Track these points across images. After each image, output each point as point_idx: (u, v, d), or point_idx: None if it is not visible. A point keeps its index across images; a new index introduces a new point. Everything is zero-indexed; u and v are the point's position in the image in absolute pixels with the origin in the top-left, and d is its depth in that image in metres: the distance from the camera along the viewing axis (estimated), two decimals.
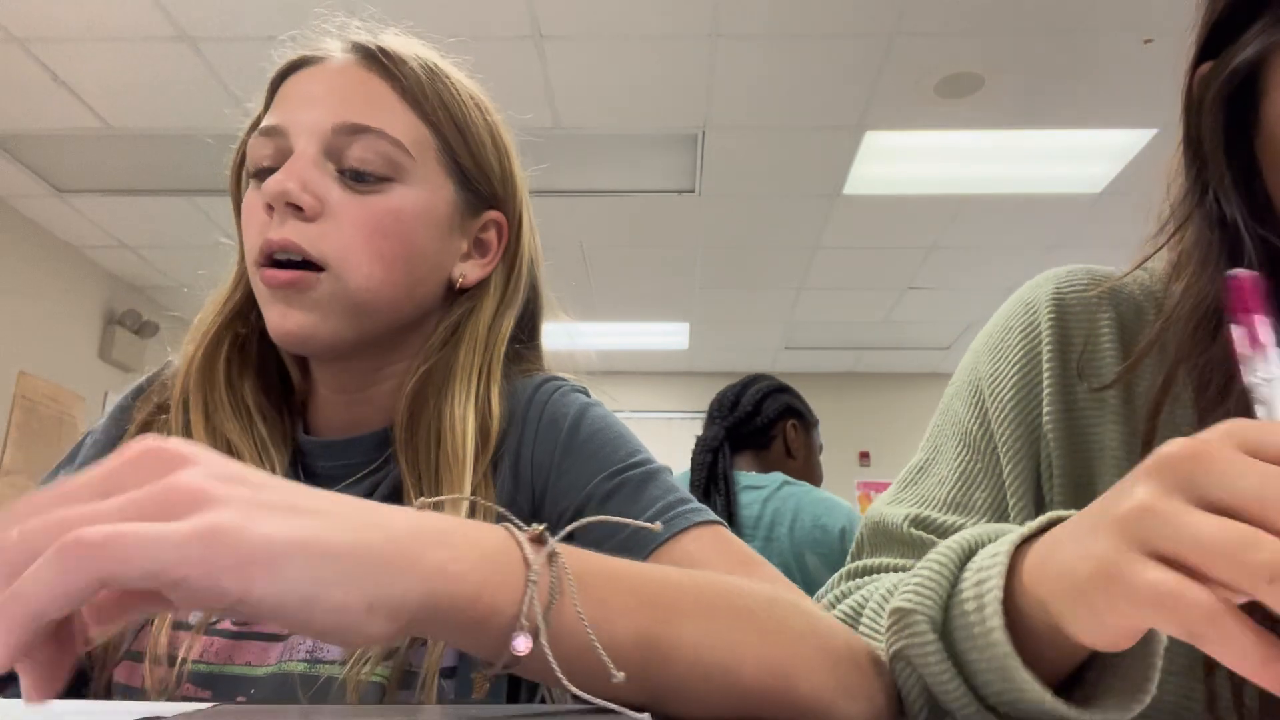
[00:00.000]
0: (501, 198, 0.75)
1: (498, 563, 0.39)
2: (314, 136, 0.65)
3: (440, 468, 0.65)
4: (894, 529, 0.64)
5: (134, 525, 0.31)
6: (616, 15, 2.75)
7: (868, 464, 6.35)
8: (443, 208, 0.70)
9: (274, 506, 0.34)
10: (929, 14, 2.72)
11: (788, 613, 0.48)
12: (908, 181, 3.80)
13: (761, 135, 3.44)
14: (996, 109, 3.20)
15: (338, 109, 0.66)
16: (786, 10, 2.72)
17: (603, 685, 0.40)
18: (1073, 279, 0.66)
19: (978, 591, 0.43)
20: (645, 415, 6.62)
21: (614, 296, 5.23)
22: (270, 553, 0.33)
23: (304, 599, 0.33)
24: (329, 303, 0.65)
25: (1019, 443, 0.63)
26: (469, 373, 0.70)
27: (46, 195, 4.02)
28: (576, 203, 4.00)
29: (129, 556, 0.30)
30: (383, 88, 0.68)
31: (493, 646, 0.39)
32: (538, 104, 3.20)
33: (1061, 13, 2.68)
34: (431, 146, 0.69)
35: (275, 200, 0.64)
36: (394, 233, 0.66)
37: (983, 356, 0.69)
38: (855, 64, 2.97)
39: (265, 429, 0.71)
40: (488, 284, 0.74)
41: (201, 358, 0.71)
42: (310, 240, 0.64)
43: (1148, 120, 3.24)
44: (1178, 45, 0.57)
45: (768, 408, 2.03)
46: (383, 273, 0.66)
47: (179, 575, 0.31)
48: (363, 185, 0.66)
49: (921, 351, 6.18)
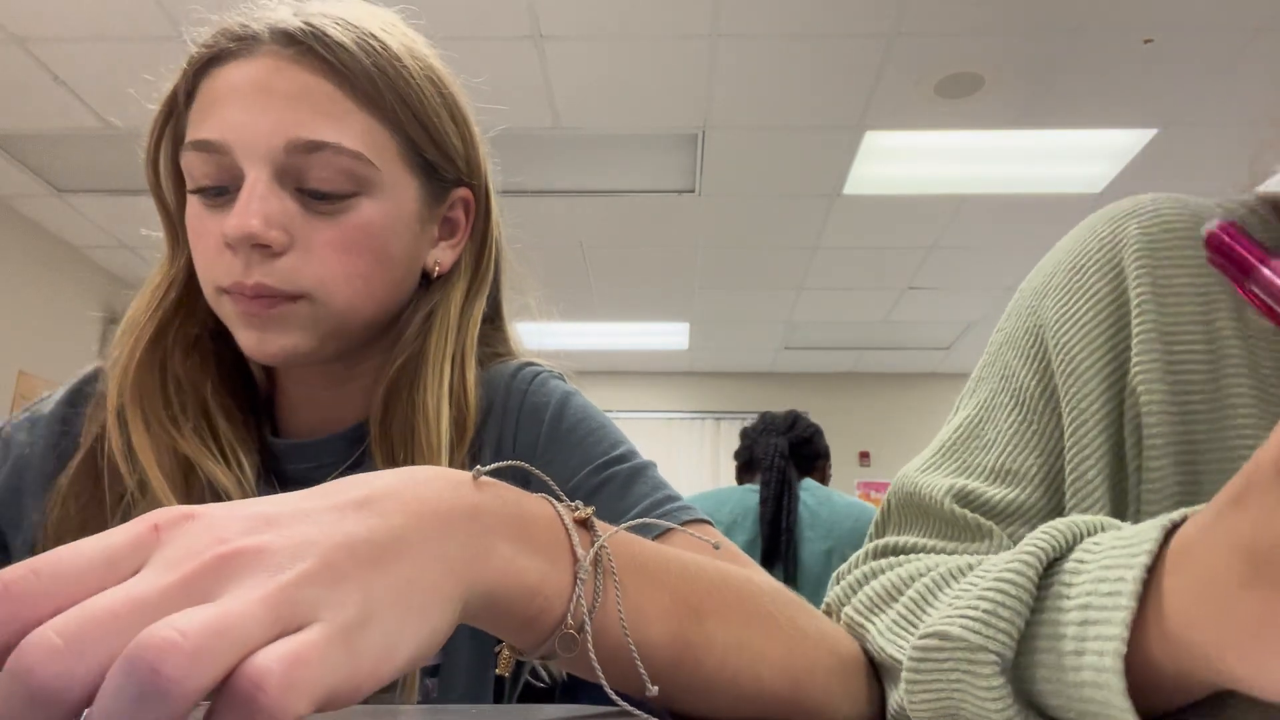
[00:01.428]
0: (467, 175, 0.70)
1: (552, 555, 0.37)
2: (264, 160, 0.59)
3: (415, 460, 0.62)
4: (931, 503, 0.55)
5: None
6: (616, 15, 2.75)
7: (868, 464, 6.35)
8: (410, 205, 0.66)
9: (338, 546, 0.29)
10: (929, 14, 2.72)
11: (799, 614, 0.47)
12: (908, 181, 3.80)
13: (761, 135, 3.43)
14: (996, 109, 3.20)
15: (286, 124, 0.59)
16: (786, 10, 2.72)
17: (635, 686, 0.39)
18: (1161, 208, 0.56)
19: (1080, 634, 0.34)
20: (645, 415, 6.62)
21: (614, 296, 5.22)
22: (384, 642, 0.28)
23: (423, 644, 0.30)
24: (311, 325, 0.62)
25: (1095, 403, 0.53)
26: (441, 360, 0.66)
27: (46, 195, 4.02)
28: (576, 203, 4.00)
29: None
30: (330, 90, 0.61)
31: (534, 640, 0.38)
32: (538, 104, 3.20)
33: (1061, 13, 2.68)
34: (392, 145, 0.63)
35: (240, 244, 0.59)
36: (369, 248, 0.62)
37: (1047, 300, 0.58)
38: (855, 64, 2.97)
39: (232, 432, 0.67)
40: (458, 266, 0.71)
41: (136, 365, 0.65)
42: (284, 278, 0.60)
43: (1148, 120, 3.24)
44: (1178, 45, 0.57)
45: (819, 443, 2.42)
46: (364, 289, 0.63)
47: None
48: (327, 205, 0.61)
49: (921, 351, 6.17)
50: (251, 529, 0.28)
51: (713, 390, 6.69)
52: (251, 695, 0.23)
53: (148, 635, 0.23)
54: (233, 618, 0.24)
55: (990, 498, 0.54)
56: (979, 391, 0.61)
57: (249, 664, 0.24)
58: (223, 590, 0.26)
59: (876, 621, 0.49)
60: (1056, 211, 4.00)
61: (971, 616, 0.38)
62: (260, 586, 0.26)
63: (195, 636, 0.23)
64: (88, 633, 0.23)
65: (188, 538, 0.27)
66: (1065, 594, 0.36)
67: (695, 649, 0.41)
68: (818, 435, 2.42)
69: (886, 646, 0.46)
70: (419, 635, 0.30)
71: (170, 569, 0.26)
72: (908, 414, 6.42)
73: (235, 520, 0.28)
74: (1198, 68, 2.89)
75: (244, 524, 0.28)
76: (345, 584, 0.27)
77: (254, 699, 0.23)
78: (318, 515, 0.29)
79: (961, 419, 0.60)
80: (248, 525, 0.28)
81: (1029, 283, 0.62)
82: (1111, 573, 0.34)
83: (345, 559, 0.28)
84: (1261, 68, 2.88)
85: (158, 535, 0.27)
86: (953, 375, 6.42)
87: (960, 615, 0.39)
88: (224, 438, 0.66)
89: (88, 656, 0.23)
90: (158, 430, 0.64)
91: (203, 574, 0.26)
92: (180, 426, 0.64)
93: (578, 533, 0.39)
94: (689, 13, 2.73)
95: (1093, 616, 0.34)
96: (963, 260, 4.65)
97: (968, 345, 5.93)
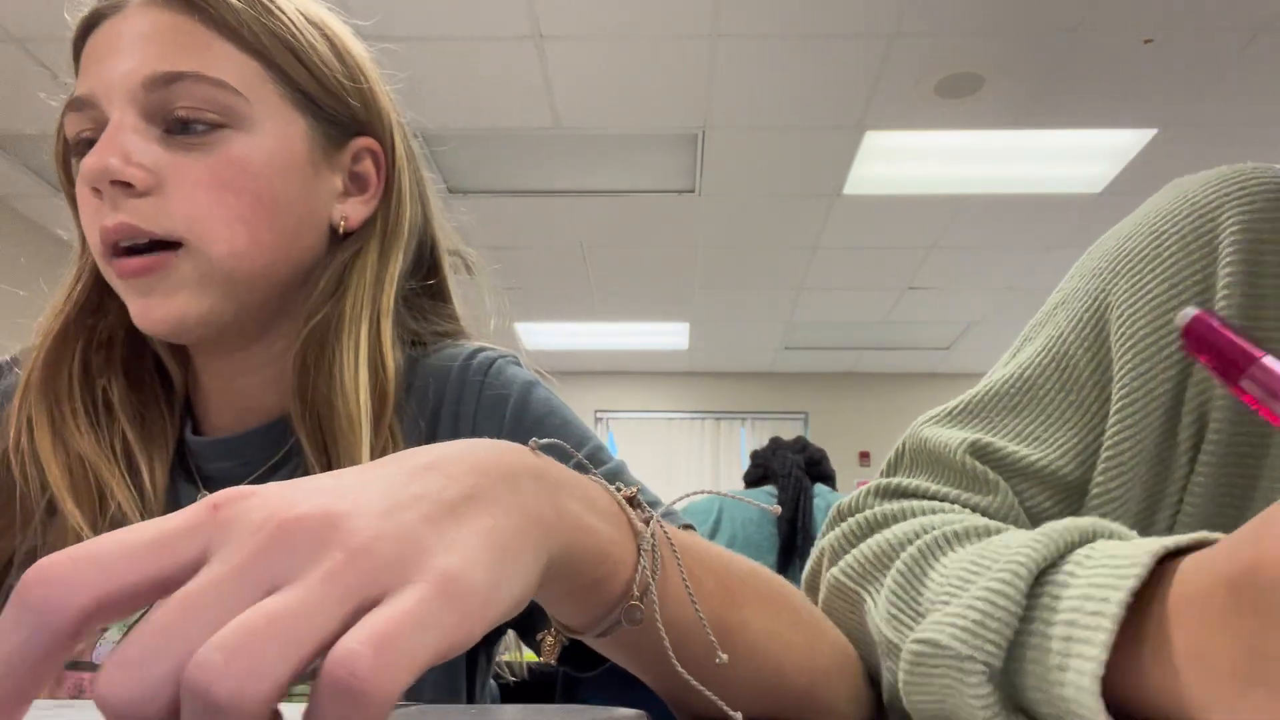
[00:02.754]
0: (366, 121, 0.66)
1: (615, 521, 0.36)
2: (125, 99, 0.57)
3: (337, 433, 0.59)
4: (944, 453, 0.53)
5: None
6: (616, 15, 2.75)
7: (868, 464, 6.35)
8: (298, 145, 0.61)
9: (439, 506, 0.27)
10: (929, 14, 2.72)
11: (817, 611, 0.48)
12: (908, 181, 3.80)
13: (761, 135, 3.43)
14: (996, 109, 3.20)
15: (147, 60, 0.57)
16: (786, 10, 2.72)
17: (694, 666, 0.38)
18: (1263, 177, 0.49)
19: (1064, 649, 0.34)
20: (645, 415, 6.62)
21: (614, 296, 5.22)
22: (487, 578, 0.26)
23: (517, 593, 0.28)
24: (196, 282, 0.58)
25: (1152, 388, 0.48)
26: (357, 325, 0.62)
27: (46, 195, 4.02)
28: (576, 203, 4.00)
29: (408, 662, 0.23)
30: (193, 26, 0.58)
31: (598, 611, 0.36)
32: (538, 104, 3.19)
33: (1061, 13, 2.68)
34: (265, 80, 0.60)
35: (98, 181, 0.55)
36: (246, 187, 0.58)
37: (1120, 267, 0.52)
38: (855, 64, 2.97)
39: (137, 432, 0.63)
40: (372, 224, 0.66)
41: (42, 366, 0.62)
42: (151, 218, 0.56)
43: (1148, 120, 3.24)
44: (1178, 45, 0.56)
45: (826, 466, 2.66)
46: (246, 235, 0.58)
47: (447, 650, 0.24)
48: (193, 139, 0.57)
49: (921, 351, 6.17)
50: (314, 496, 0.25)
51: (712, 390, 6.69)
52: (346, 684, 0.21)
53: (197, 659, 0.21)
54: (292, 609, 0.22)
55: (1010, 453, 0.52)
56: (1023, 351, 0.57)
57: (336, 652, 0.22)
58: (289, 567, 0.23)
59: (872, 593, 0.48)
60: (1056, 211, 4.00)
61: (960, 625, 0.38)
62: (328, 559, 0.24)
63: (244, 651, 0.21)
64: (148, 650, 0.22)
65: (250, 513, 0.24)
66: (1053, 605, 0.36)
67: (731, 633, 0.40)
68: (825, 459, 2.67)
69: (886, 629, 0.46)
70: (517, 577, 0.28)
71: (232, 554, 0.24)
72: (908, 414, 6.34)
73: (298, 489, 0.26)
74: (1198, 68, 2.89)
75: (307, 493, 0.26)
76: (425, 541, 0.25)
77: (349, 687, 0.21)
78: (383, 481, 0.27)
79: (999, 378, 0.56)
80: (310, 494, 0.26)
81: (1101, 244, 0.56)
82: (1099, 591, 0.34)
83: (418, 519, 0.26)
84: (1262, 68, 2.88)
85: (216, 514, 0.25)
86: (953, 375, 6.41)
87: (950, 623, 0.39)
88: (124, 437, 0.62)
89: (153, 670, 0.22)
90: (63, 431, 0.61)
91: (266, 551, 0.24)
92: (83, 428, 0.61)
93: (630, 508, 0.38)
94: (689, 13, 2.73)
95: (1076, 634, 0.34)
96: (963, 260, 4.65)
97: (968, 345, 5.93)
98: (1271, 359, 0.31)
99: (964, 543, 0.45)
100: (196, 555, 0.24)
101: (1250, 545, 0.29)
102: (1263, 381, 0.31)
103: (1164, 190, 0.54)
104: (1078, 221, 4.08)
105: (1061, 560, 0.38)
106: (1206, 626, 0.30)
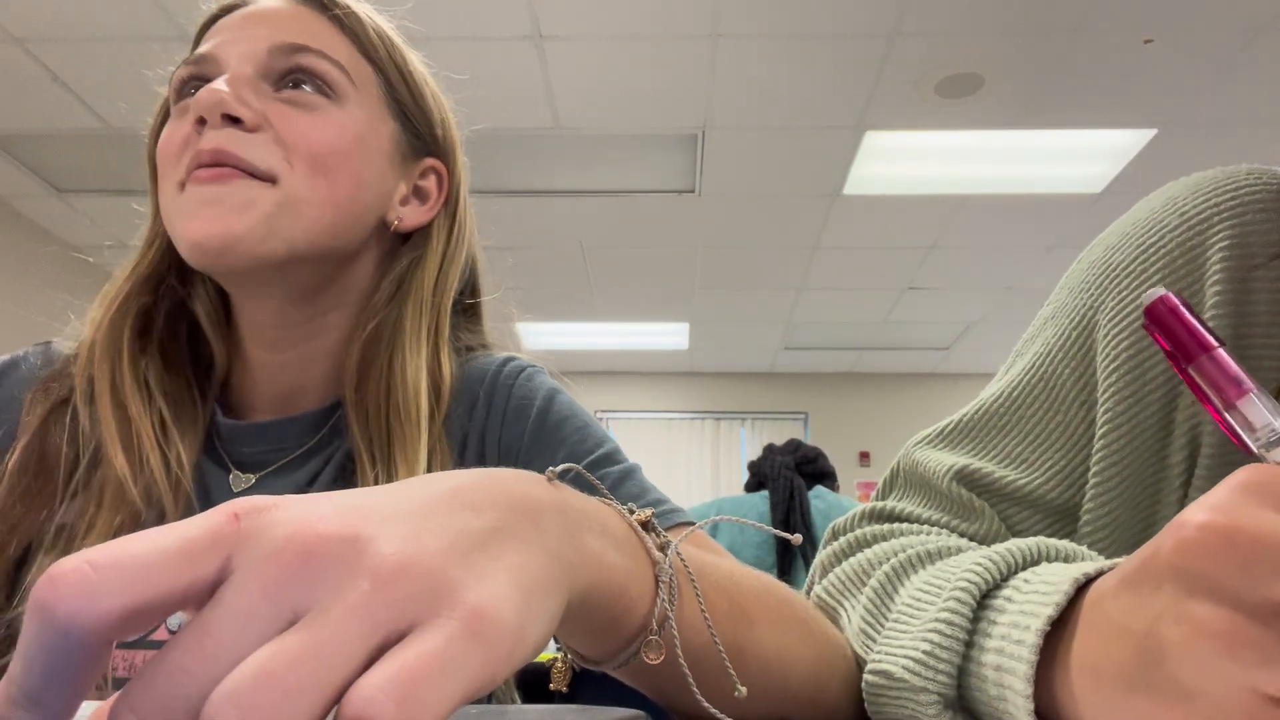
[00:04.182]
0: (442, 148, 0.73)
1: (632, 553, 0.35)
2: (248, 59, 0.62)
3: (392, 427, 0.62)
4: (933, 480, 0.53)
5: (415, 662, 0.22)
6: (616, 15, 2.75)
7: (868, 464, 6.35)
8: (385, 141, 0.67)
9: (463, 539, 0.26)
10: (929, 14, 2.72)
11: (824, 620, 0.48)
12: (907, 181, 3.80)
13: (761, 135, 3.43)
14: (996, 109, 3.20)
15: (274, 31, 0.63)
16: (786, 10, 2.72)
17: (717, 697, 0.37)
18: (1256, 183, 0.47)
19: (997, 679, 0.35)
20: (645, 415, 6.62)
21: (614, 296, 5.22)
22: (516, 618, 0.25)
23: (542, 635, 0.27)
24: (266, 218, 0.60)
25: (1138, 410, 0.47)
26: (418, 332, 0.66)
27: (46, 195, 4.02)
28: (576, 203, 4.00)
29: (443, 697, 0.22)
30: (322, 22, 0.66)
31: (615, 645, 0.36)
32: (538, 104, 3.19)
33: (1061, 13, 2.68)
34: (372, 80, 0.67)
35: (210, 111, 0.58)
36: (339, 149, 0.63)
37: (1107, 283, 0.50)
38: (855, 64, 2.97)
39: (170, 411, 0.65)
40: (430, 236, 0.71)
41: (108, 326, 0.65)
42: (251, 150, 0.59)
43: (1148, 120, 3.24)
44: (1178, 45, 0.55)
45: (823, 464, 2.68)
46: (327, 188, 0.62)
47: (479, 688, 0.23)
48: (302, 96, 0.62)
49: (921, 351, 6.17)
50: (339, 515, 0.24)
51: (713, 390, 6.69)
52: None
53: (210, 711, 0.20)
54: (311, 650, 0.21)
55: (998, 478, 0.52)
56: (1014, 368, 0.56)
57: (357, 698, 0.21)
58: (312, 594, 0.22)
59: (848, 609, 0.49)
60: (1056, 211, 4.00)
61: (913, 658, 0.39)
62: (353, 589, 0.22)
63: (261, 707, 0.20)
64: (162, 695, 0.21)
65: (273, 528, 0.23)
66: (989, 632, 0.36)
67: (744, 652, 0.40)
68: (822, 457, 2.69)
69: (857, 646, 0.47)
70: (542, 617, 0.27)
71: (252, 578, 0.23)
72: (907, 414, 6.41)
73: (322, 505, 0.25)
74: (1198, 68, 2.89)
75: (331, 511, 0.24)
76: (453, 572, 0.24)
77: None
78: (409, 503, 0.26)
79: (989, 396, 0.56)
80: (335, 512, 0.24)
81: (1090, 252, 0.54)
82: (1024, 619, 0.34)
83: (447, 548, 0.25)
84: (1261, 68, 2.88)
85: (238, 525, 0.23)
86: (952, 376, 6.42)
87: (904, 654, 0.39)
88: (159, 414, 0.64)
89: (168, 718, 0.21)
90: (120, 393, 0.63)
91: (288, 576, 0.23)
92: (130, 393, 0.63)
93: (646, 535, 0.37)
94: (689, 13, 2.73)
95: (1005, 664, 0.34)
96: (963, 260, 4.65)
97: (967, 345, 5.93)
98: (1223, 352, 0.30)
99: (931, 562, 0.46)
100: (219, 568, 0.23)
101: (1151, 544, 0.29)
102: (1208, 373, 0.30)
103: (1156, 193, 0.53)
104: (1078, 221, 4.08)
105: (1004, 582, 0.38)
106: (1100, 633, 0.30)
